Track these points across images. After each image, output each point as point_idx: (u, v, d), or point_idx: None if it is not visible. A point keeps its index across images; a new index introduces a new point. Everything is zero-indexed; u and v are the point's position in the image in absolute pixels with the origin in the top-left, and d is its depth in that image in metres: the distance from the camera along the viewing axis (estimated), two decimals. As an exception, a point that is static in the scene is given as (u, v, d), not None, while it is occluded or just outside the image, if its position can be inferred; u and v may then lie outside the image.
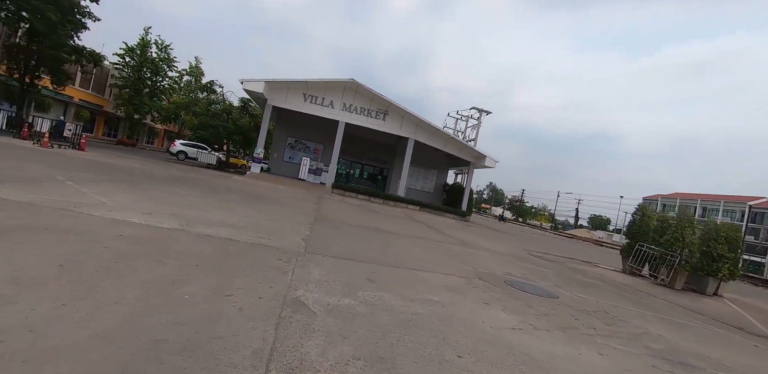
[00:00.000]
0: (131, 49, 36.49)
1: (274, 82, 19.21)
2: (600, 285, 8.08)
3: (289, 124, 24.98)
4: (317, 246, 5.22)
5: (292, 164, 23.77)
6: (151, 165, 14.99)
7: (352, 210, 12.59)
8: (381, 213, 14.11)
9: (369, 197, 20.40)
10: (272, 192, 13.25)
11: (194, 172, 15.63)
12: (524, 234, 24.45)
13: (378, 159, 26.90)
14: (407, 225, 11.95)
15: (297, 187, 17.89)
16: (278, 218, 7.11)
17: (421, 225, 12.98)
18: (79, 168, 9.00)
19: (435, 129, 21.35)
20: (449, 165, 27.95)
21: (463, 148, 22.17)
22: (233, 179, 15.82)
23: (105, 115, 37.91)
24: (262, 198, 10.24)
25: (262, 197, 10.64)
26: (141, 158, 18.60)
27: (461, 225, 17.61)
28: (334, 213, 10.57)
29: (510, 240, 15.09)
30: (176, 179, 11.07)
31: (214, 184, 12.01)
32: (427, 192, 27.46)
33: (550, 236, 31.47)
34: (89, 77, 35.29)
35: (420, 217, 16.93)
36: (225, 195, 9.24)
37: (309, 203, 11.80)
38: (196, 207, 6.42)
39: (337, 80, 19.77)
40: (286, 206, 9.71)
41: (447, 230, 13.08)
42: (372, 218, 11.49)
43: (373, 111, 21.10)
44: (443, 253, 7.27)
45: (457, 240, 10.47)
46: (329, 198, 16.47)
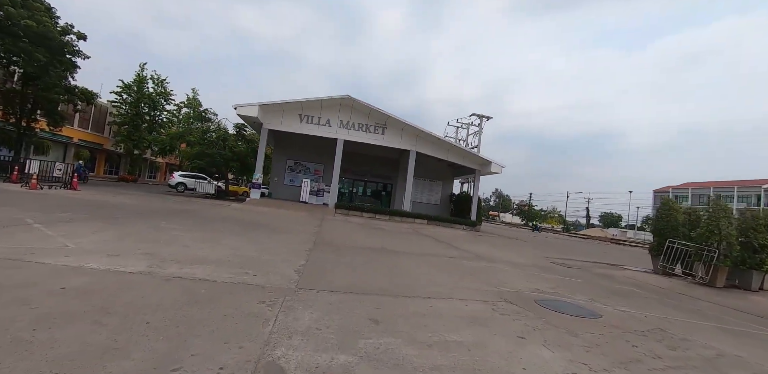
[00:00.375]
0: (128, 85, 36.93)
1: (268, 104, 18.90)
2: (637, 292, 7.18)
3: (287, 147, 24.61)
4: (312, 278, 4.49)
5: (294, 187, 23.22)
6: (146, 199, 14.47)
7: (355, 231, 11.86)
8: (387, 231, 13.34)
9: (374, 214, 19.66)
10: (270, 218, 12.59)
11: (190, 203, 15.06)
12: (538, 239, 23.42)
13: (380, 174, 26.30)
14: (415, 241, 11.17)
15: (298, 210, 17.25)
16: (271, 247, 6.40)
17: (430, 240, 12.17)
18: (60, 208, 8.42)
19: (436, 138, 20.79)
20: (454, 174, 27.25)
21: (466, 155, 21.52)
22: (231, 207, 15.22)
23: (105, 152, 38.05)
24: (257, 226, 9.57)
25: (257, 224, 9.97)
26: (138, 193, 18.15)
27: (472, 237, 16.73)
28: (336, 235, 9.84)
29: (526, 249, 14.17)
30: (167, 212, 10.46)
31: (208, 214, 11.39)
32: (433, 204, 26.67)
33: (565, 239, 30.26)
34: (87, 117, 35.63)
35: (428, 231, 16.10)
36: (216, 226, 8.58)
37: (309, 226, 11.09)
38: (178, 243, 5.74)
39: (333, 98, 19.43)
40: (283, 232, 9.01)
41: (458, 243, 12.25)
42: (377, 237, 10.73)
43: (371, 126, 20.65)
44: (458, 272, 6.47)
45: (471, 254, 9.64)
46: (332, 219, 15.77)
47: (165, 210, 11.04)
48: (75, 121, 33.88)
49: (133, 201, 13.01)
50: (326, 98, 19.40)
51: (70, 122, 33.39)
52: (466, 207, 23.81)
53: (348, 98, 19.37)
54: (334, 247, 7.43)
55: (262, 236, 7.77)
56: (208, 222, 9.17)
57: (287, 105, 19.43)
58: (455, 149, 21.28)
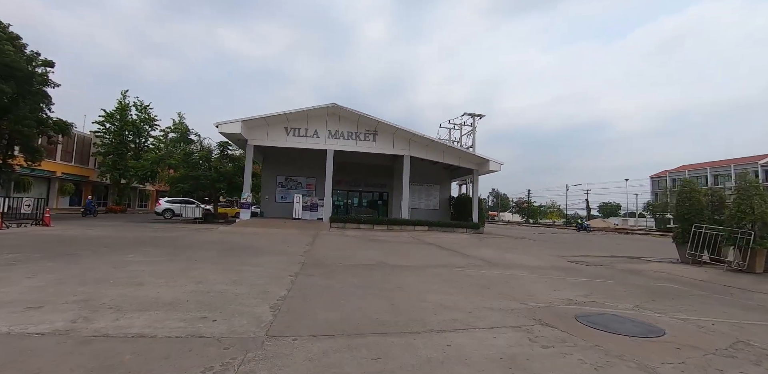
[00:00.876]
0: (110, 114, 36.08)
1: (252, 119, 18.04)
2: (679, 289, 6.22)
3: (276, 163, 23.69)
4: (291, 317, 3.49)
5: (286, 204, 22.20)
6: (124, 230, 13.42)
7: (351, 245, 10.85)
8: (386, 242, 12.34)
9: (371, 225, 18.66)
10: (258, 239, 11.56)
11: (172, 230, 14.01)
12: (544, 236, 22.40)
13: (375, 183, 25.38)
14: (417, 251, 10.17)
15: (290, 227, 16.22)
16: (249, 276, 5.39)
17: (433, 248, 11.18)
18: (12, 249, 7.39)
19: (429, 140, 19.94)
20: (451, 177, 26.39)
21: (462, 155, 20.67)
22: (217, 231, 14.19)
23: (91, 184, 36.94)
24: (239, 250, 8.55)
25: (240, 248, 8.94)
26: (119, 224, 17.08)
27: (477, 240, 15.74)
28: (329, 252, 8.82)
29: (537, 248, 13.19)
30: (140, 243, 9.42)
31: (186, 241, 10.35)
32: (432, 209, 25.72)
33: (571, 233, 29.26)
34: (70, 149, 34.66)
35: (430, 238, 15.11)
36: (191, 254, 7.55)
37: (300, 245, 10.07)
38: (132, 281, 4.74)
39: (318, 107, 18.59)
40: (268, 254, 7.99)
41: (464, 249, 11.26)
42: (375, 250, 9.73)
43: (361, 133, 19.81)
44: (473, 286, 5.48)
45: (480, 260, 8.66)
46: (326, 234, 14.74)
47: (139, 240, 10.00)
48: (57, 154, 32.89)
49: (109, 233, 11.97)
50: (312, 108, 18.58)
51: (52, 156, 32.41)
52: (466, 210, 22.87)
53: (334, 106, 18.57)
54: (325, 268, 6.42)
55: (242, 262, 6.76)
56: (182, 250, 8.15)
57: (272, 118, 18.59)
58: (450, 150, 20.44)
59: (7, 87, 15.79)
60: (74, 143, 34.93)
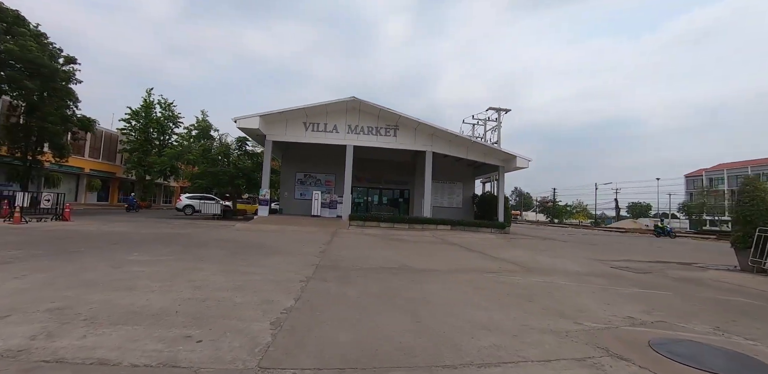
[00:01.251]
0: (136, 112, 36.81)
1: (270, 114, 17.68)
2: (763, 306, 5.23)
3: (296, 159, 23.35)
4: (296, 337, 2.85)
5: (305, 201, 21.82)
6: (141, 226, 13.24)
7: (371, 245, 10.20)
8: (407, 242, 11.63)
9: (392, 224, 17.99)
10: (273, 237, 11.08)
11: (191, 227, 13.75)
12: (575, 237, 21.13)
13: (396, 180, 24.67)
14: (442, 253, 9.41)
15: (308, 225, 15.74)
16: (255, 281, 4.81)
17: (458, 249, 10.39)
18: (18, 245, 7.11)
19: (453, 136, 19.06)
20: (474, 174, 25.39)
21: (488, 151, 19.67)
22: (233, 228, 13.84)
23: (118, 181, 37.88)
24: (251, 249, 8.03)
25: (253, 247, 8.43)
26: (139, 219, 17.05)
27: (505, 241, 14.81)
28: (347, 253, 8.19)
29: (571, 250, 12.18)
30: (154, 239, 9.08)
31: (200, 238, 9.95)
32: (455, 207, 24.81)
33: (602, 234, 27.64)
34: (98, 146, 35.59)
35: (454, 238, 14.30)
36: (200, 253, 7.08)
37: (316, 244, 9.50)
38: (125, 284, 4.23)
39: (338, 101, 18.02)
40: (282, 254, 7.43)
41: (493, 250, 10.42)
42: (396, 251, 9.03)
43: (382, 128, 19.14)
44: (511, 297, 4.71)
45: (513, 264, 7.83)
46: (345, 232, 14.16)
47: (152, 237, 9.67)
48: (85, 151, 33.80)
49: (126, 228, 11.76)
50: (331, 102, 18.02)
51: (81, 153, 33.34)
52: (491, 208, 21.87)
53: (354, 100, 17.95)
54: (340, 272, 5.78)
55: (251, 263, 6.21)
56: (192, 248, 7.69)
57: (290, 113, 18.16)
58: (475, 145, 19.47)
59: (32, 83, 15.94)
60: (101, 140, 35.83)
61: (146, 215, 22.00)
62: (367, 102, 17.96)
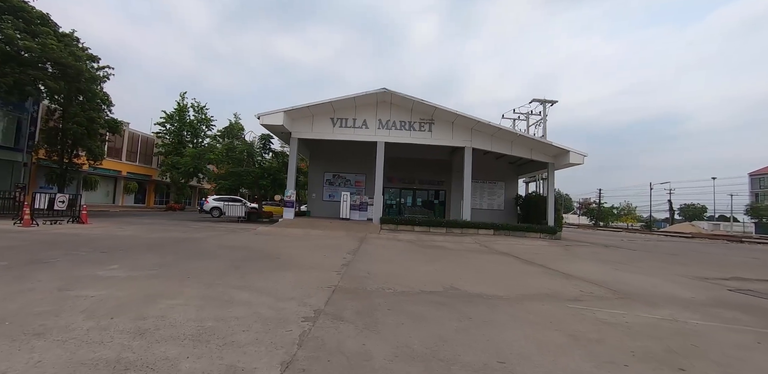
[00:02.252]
0: (170, 116, 37.34)
1: (295, 109, 16.48)
2: None
3: (323, 158, 22.12)
4: None
5: (334, 203, 20.47)
6: (155, 230, 12.28)
7: (405, 255, 8.49)
8: (447, 251, 9.83)
9: (428, 228, 16.22)
10: (293, 243, 9.65)
11: (207, 230, 12.66)
12: (638, 243, 18.31)
13: (431, 180, 22.83)
14: (494, 267, 7.54)
15: (336, 229, 14.27)
16: (238, 317, 3.26)
17: (512, 261, 8.47)
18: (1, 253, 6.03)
19: (495, 129, 17.01)
20: (517, 173, 23.09)
21: (536, 146, 17.43)
22: (253, 232, 12.61)
23: (154, 183, 38.47)
24: (261, 261, 6.57)
25: (264, 258, 6.98)
26: (162, 221, 16.30)
27: (562, 249, 12.65)
28: (376, 267, 6.53)
29: (650, 262, 9.88)
30: (153, 246, 7.87)
31: (209, 244, 8.66)
32: (496, 210, 22.63)
33: (667, 240, 24.25)
34: (135, 149, 36.30)
35: (500, 246, 12.34)
36: (194, 266, 5.68)
37: (340, 254, 7.93)
38: (40, 323, 2.81)
39: (367, 93, 16.51)
40: (294, 269, 5.89)
41: (556, 263, 8.42)
42: (437, 264, 7.28)
43: (416, 122, 17.46)
44: (639, 358, 2.87)
45: (595, 285, 5.87)
46: (376, 238, 12.56)
47: (154, 243, 8.49)
48: (123, 154, 34.46)
49: (136, 232, 10.77)
50: (360, 95, 16.55)
51: (118, 156, 34.03)
52: (538, 211, 19.57)
53: (385, 92, 16.38)
54: (364, 301, 4.13)
55: (247, 283, 4.70)
56: (187, 259, 6.33)
57: (316, 108, 16.87)
58: (521, 140, 17.29)
59: (55, 84, 15.61)
60: (138, 144, 36.49)
61: (173, 217, 21.50)
62: (399, 93, 16.34)
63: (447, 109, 16.36)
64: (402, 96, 16.39)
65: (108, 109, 24.93)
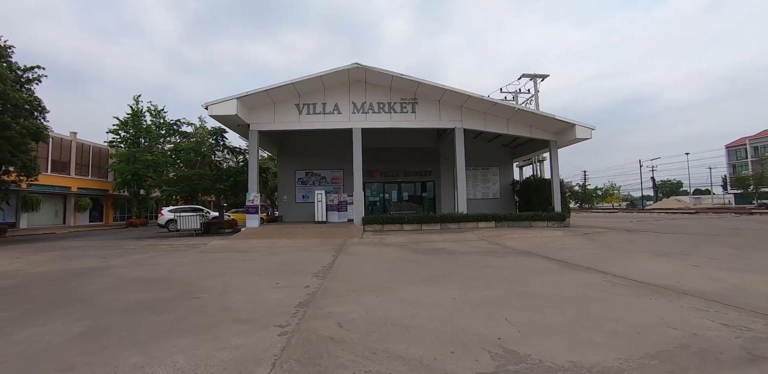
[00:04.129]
0: (124, 122, 33.48)
1: (250, 96, 13.63)
2: None
3: (293, 154, 19.32)
4: None
5: (308, 204, 17.74)
6: (76, 255, 9.31)
7: (398, 271, 5.88)
8: (453, 256, 7.31)
9: (419, 225, 13.74)
10: (243, 266, 6.95)
11: (142, 252, 9.78)
12: (659, 224, 16.28)
13: (417, 171, 20.30)
14: (534, 281, 5.00)
15: (309, 236, 11.57)
16: None
17: (547, 265, 6.00)
18: None
19: (490, 105, 14.50)
20: (512, 156, 20.82)
21: (536, 121, 15.04)
22: (202, 249, 9.81)
23: (113, 198, 34.64)
24: (171, 307, 3.83)
25: (183, 298, 4.25)
26: (96, 244, 13.23)
27: (588, 240, 10.36)
28: (356, 304, 3.87)
29: (720, 249, 7.63)
30: (22, 286, 5.05)
31: (122, 276, 5.86)
32: (491, 199, 20.34)
33: (681, 217, 22.51)
34: (86, 163, 32.45)
35: (512, 241, 9.98)
36: (44, 329, 2.96)
37: (304, 278, 5.26)
38: None
39: (337, 70, 13.70)
40: (208, 327, 3.19)
41: (609, 265, 6.03)
42: (449, 286, 4.68)
43: (396, 103, 14.87)
44: None
45: (729, 308, 3.45)
46: (358, 244, 9.94)
47: (29, 280, 5.65)
48: (71, 168, 30.67)
49: (31, 263, 7.83)
50: (329, 72, 13.76)
51: (66, 170, 30.26)
52: (540, 197, 17.37)
53: (358, 68, 13.68)
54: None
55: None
56: (50, 310, 3.62)
57: (277, 92, 14.04)
58: (520, 115, 14.84)
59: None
60: (90, 155, 32.73)
61: (124, 235, 18.34)
62: (375, 68, 13.71)
63: (432, 84, 13.82)
64: (378, 71, 13.75)
65: (41, 116, 21.46)
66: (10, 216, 26.06)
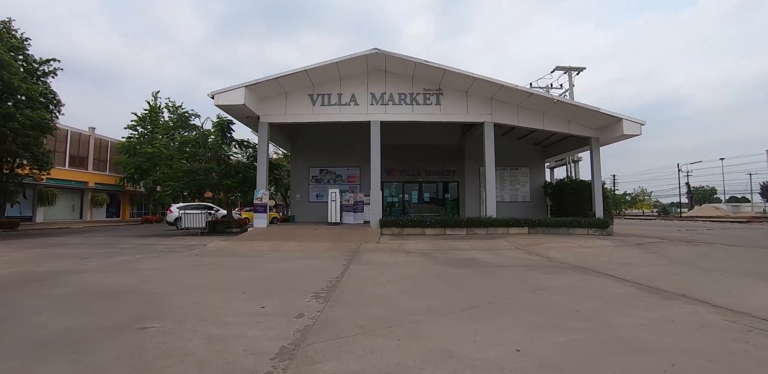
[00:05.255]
0: (142, 118, 33.33)
1: (260, 84, 12.55)
2: None
3: (307, 149, 18.22)
4: None
5: (322, 204, 16.54)
6: (60, 254, 8.36)
7: (423, 290, 4.48)
8: (488, 269, 5.87)
9: (443, 230, 12.31)
10: (234, 276, 5.73)
11: (135, 252, 8.75)
12: (701, 233, 14.27)
13: (439, 171, 18.83)
14: (591, 303, 3.53)
15: (319, 239, 10.31)
16: None
17: (624, 289, 4.48)
18: None
19: (525, 96, 12.88)
20: (543, 155, 19.10)
21: (576, 115, 13.29)
22: (199, 251, 8.70)
23: (129, 194, 34.54)
24: (104, 343, 2.60)
25: (133, 324, 3.01)
26: (96, 241, 12.38)
27: (647, 253, 8.74)
28: (367, 332, 2.56)
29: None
30: None
31: (83, 287, 4.71)
32: (521, 201, 18.67)
33: (735, 227, 20.10)
34: (104, 158, 32.40)
35: (554, 251, 8.46)
36: None
37: (302, 298, 3.95)
38: None
39: (354, 57, 12.36)
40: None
41: (706, 291, 4.49)
42: (483, 312, 3.27)
43: (419, 94, 13.51)
44: None
45: None
46: (374, 251, 8.60)
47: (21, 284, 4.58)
48: (89, 163, 30.60)
49: (1, 262, 6.87)
50: (345, 59, 12.47)
51: (83, 165, 30.18)
52: (578, 200, 15.64)
53: (377, 54, 12.38)
54: None
55: None
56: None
57: (289, 80, 12.89)
58: (558, 108, 13.11)
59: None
60: (108, 151, 32.66)
61: (132, 232, 17.64)
62: (396, 54, 12.39)
63: (460, 72, 12.36)
64: (400, 57, 12.42)
65: (56, 109, 21.21)
66: (27, 209, 26.00)
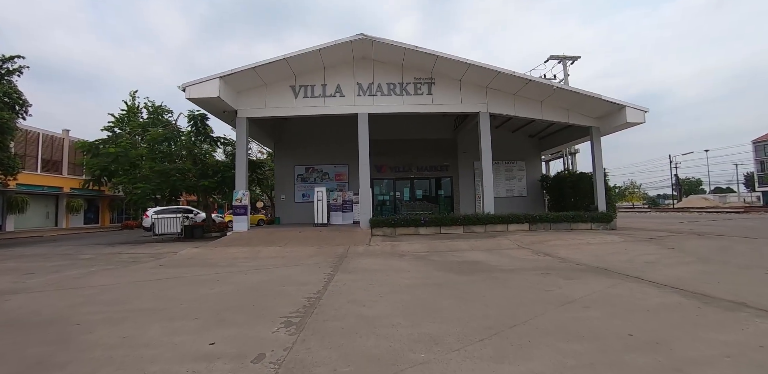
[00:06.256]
0: (120, 119, 31.76)
1: (236, 75, 11.43)
2: None
3: (292, 147, 17.17)
4: None
5: (309, 204, 15.51)
6: (2, 268, 7.26)
7: (420, 302, 3.54)
8: (490, 273, 4.97)
9: (438, 228, 11.46)
10: (195, 293, 4.73)
11: (94, 263, 7.67)
12: (703, 224, 13.68)
13: (432, 166, 17.94)
14: (640, 323, 2.66)
15: (304, 243, 9.32)
16: None
17: (642, 290, 3.64)
18: None
19: (522, 83, 11.98)
20: (539, 148, 18.34)
21: (576, 103, 12.46)
22: (166, 260, 7.66)
23: (108, 199, 32.99)
24: None
25: None
26: (57, 252, 11.21)
27: (664, 249, 7.97)
28: None
29: None
30: None
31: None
32: (518, 196, 17.90)
33: (731, 218, 19.68)
34: (80, 162, 30.81)
35: (564, 250, 7.63)
36: None
37: (267, 326, 3.00)
38: None
39: (338, 43, 11.27)
40: None
41: (739, 291, 3.65)
42: (507, 344, 2.35)
43: (409, 84, 12.56)
44: None
45: None
46: (364, 255, 7.65)
47: None
48: (63, 167, 29.03)
49: None
50: (329, 45, 11.39)
51: (57, 170, 28.62)
52: (578, 193, 14.97)
53: (364, 40, 11.38)
54: None
55: None
56: None
57: (267, 70, 11.79)
58: (557, 95, 12.23)
59: None
60: (83, 156, 31.04)
61: (105, 239, 16.44)
62: (384, 40, 11.41)
63: (453, 58, 11.43)
64: (388, 44, 11.44)
65: (23, 110, 19.74)
66: (-4, 218, 24.48)
